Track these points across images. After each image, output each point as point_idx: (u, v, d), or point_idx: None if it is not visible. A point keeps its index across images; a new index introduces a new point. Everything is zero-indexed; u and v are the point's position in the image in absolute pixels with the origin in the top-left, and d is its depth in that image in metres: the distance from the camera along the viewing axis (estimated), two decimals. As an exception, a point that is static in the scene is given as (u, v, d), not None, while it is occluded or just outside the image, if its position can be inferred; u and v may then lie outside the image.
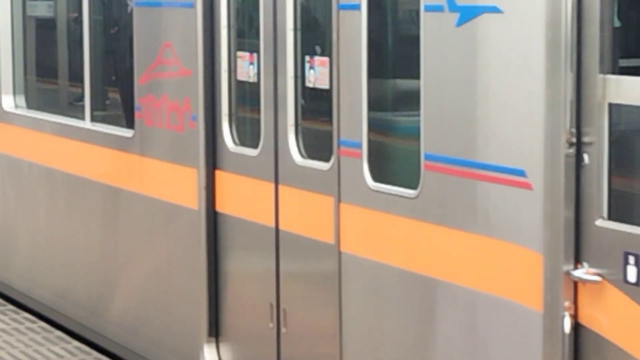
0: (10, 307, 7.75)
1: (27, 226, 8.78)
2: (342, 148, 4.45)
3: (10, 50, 9.06)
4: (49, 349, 6.65)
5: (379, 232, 4.42)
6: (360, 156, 4.46)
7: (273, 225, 5.14)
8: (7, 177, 9.46)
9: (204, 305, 5.74)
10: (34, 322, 7.32)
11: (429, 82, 4.17)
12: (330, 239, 4.64)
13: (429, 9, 4.13)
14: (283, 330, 5.02)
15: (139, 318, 6.71)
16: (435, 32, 4.12)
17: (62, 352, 6.64)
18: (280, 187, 5.09)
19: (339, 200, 4.56)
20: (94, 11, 7.66)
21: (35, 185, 8.61)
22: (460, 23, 3.91)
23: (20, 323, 7.25)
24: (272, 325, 5.14)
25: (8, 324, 7.30)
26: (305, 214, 4.96)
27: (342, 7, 4.69)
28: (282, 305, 5.11)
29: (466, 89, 3.94)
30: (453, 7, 4.02)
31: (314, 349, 4.81)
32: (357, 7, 4.43)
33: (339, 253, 4.54)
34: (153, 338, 6.56)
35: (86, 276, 7.66)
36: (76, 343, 6.83)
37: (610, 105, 3.38)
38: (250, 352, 5.64)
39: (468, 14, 3.85)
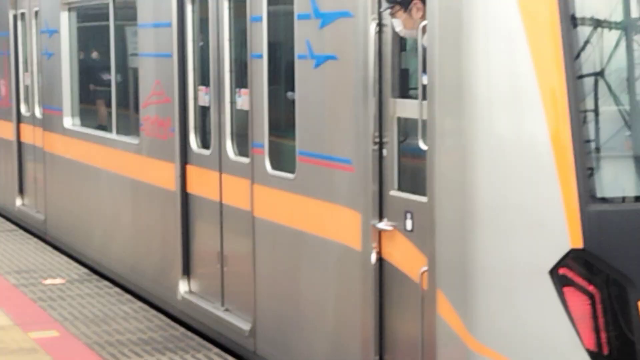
0: (94, 276, 7.52)
1: (83, 205, 8.82)
2: (254, 148, 4.62)
3: (69, 85, 9.06)
4: (120, 308, 6.48)
5: (273, 201, 4.60)
6: (263, 153, 4.61)
7: (218, 200, 5.22)
8: (68, 171, 9.62)
9: (179, 253, 5.75)
10: (110, 288, 7.11)
11: (300, 106, 4.33)
12: (248, 207, 4.75)
13: (300, 57, 4.22)
14: (225, 269, 5.10)
15: (148, 267, 6.64)
16: (302, 72, 4.24)
17: (129, 310, 6.42)
18: (222, 175, 5.18)
19: (252, 182, 4.70)
20: (118, 60, 7.72)
21: (83, 176, 8.69)
22: (316, 66, 4.07)
23: (101, 289, 7.04)
24: (218, 265, 5.21)
25: (92, 289, 7.04)
26: (235, 192, 4.99)
27: (252, 56, 4.65)
28: (224, 252, 5.21)
29: (320, 109, 4.13)
30: (312, 56, 4.15)
31: (242, 279, 4.94)
32: (260, 56, 4.60)
33: (253, 217, 4.71)
34: (152, 277, 6.60)
35: (121, 243, 7.57)
36: (140, 303, 6.64)
37: (398, 118, 3.57)
38: (207, 284, 5.68)
39: (320, 60, 4.00)
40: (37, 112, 8.60)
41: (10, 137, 9.28)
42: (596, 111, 3.08)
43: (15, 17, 9.09)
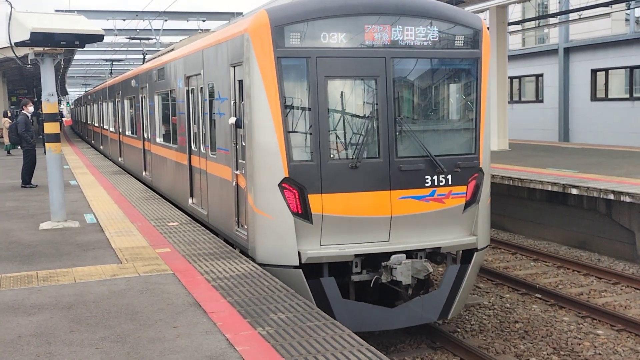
0: (193, 222, 10.67)
1: (159, 173, 14.04)
2: (207, 147, 10.18)
3: (156, 112, 14.35)
4: (201, 237, 9.32)
5: (202, 162, 10.00)
6: (209, 149, 10.01)
7: (199, 167, 10.74)
8: (155, 159, 14.64)
9: (187, 185, 11.30)
10: (198, 227, 10.88)
11: (217, 131, 9.52)
12: (204, 168, 10.27)
13: (217, 113, 9.64)
14: (202, 192, 10.71)
15: (182, 195, 12.06)
16: (218, 119, 9.64)
17: (206, 238, 9.15)
18: (201, 158, 10.72)
19: (206, 159, 10.26)
20: (168, 96, 12.89)
21: (164, 163, 13.86)
22: (220, 116, 9.54)
23: (194, 227, 10.54)
24: (205, 196, 10.79)
25: (189, 228, 10.25)
26: (203, 164, 10.49)
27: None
28: (204, 187, 10.74)
29: (222, 134, 9.59)
30: (219, 113, 9.63)
31: (205, 195, 10.34)
32: (207, 114, 9.95)
33: (207, 173, 10.27)
34: (181, 197, 11.92)
35: (180, 194, 13.02)
36: (212, 235, 9.47)
37: (237, 135, 9.06)
38: (198, 200, 11.03)
39: (220, 114, 9.51)
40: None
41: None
42: (292, 131, 7.98)
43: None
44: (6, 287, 6.94)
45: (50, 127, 10.10)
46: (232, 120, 8.63)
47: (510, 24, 25.06)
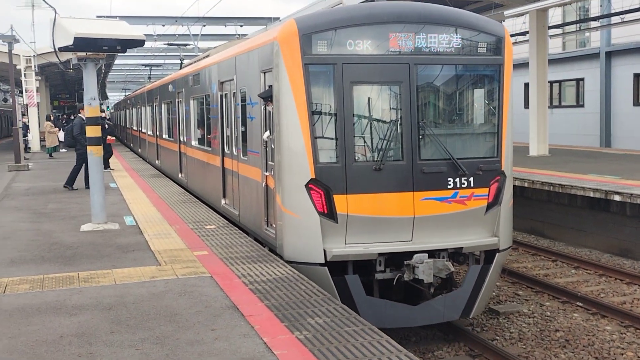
0: (231, 225, 11.23)
1: (194, 175, 14.68)
2: (238, 149, 10.78)
3: (192, 116, 15.02)
4: (237, 240, 9.64)
5: (234, 164, 10.58)
6: (240, 152, 10.58)
7: (231, 168, 11.34)
8: (190, 162, 15.27)
9: (221, 187, 11.91)
10: (234, 229, 11.25)
11: (248, 134, 10.14)
12: (236, 169, 10.88)
13: (249, 117, 10.21)
14: (234, 193, 11.31)
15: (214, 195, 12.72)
16: (249, 123, 10.24)
17: (242, 241, 9.43)
18: (233, 160, 11.31)
19: (237, 161, 10.84)
20: (204, 100, 13.51)
21: (198, 165, 14.47)
22: (251, 120, 10.11)
23: (231, 230, 10.90)
24: (236, 196, 11.38)
25: (227, 231, 10.59)
26: (235, 165, 11.09)
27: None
28: (235, 188, 11.32)
29: (252, 136, 10.17)
30: (250, 117, 10.13)
31: (237, 198, 10.96)
32: (239, 117, 10.53)
33: (238, 175, 10.84)
34: (214, 198, 12.55)
35: (212, 193, 13.66)
36: (248, 238, 9.78)
37: (267, 138, 9.58)
38: (230, 200, 11.63)
39: (252, 118, 10.08)
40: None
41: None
42: (319, 135, 8.41)
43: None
44: (49, 287, 7.23)
45: (91, 131, 10.78)
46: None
47: (550, 27, 25.15)
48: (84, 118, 16.48)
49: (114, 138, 21.32)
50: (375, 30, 8.53)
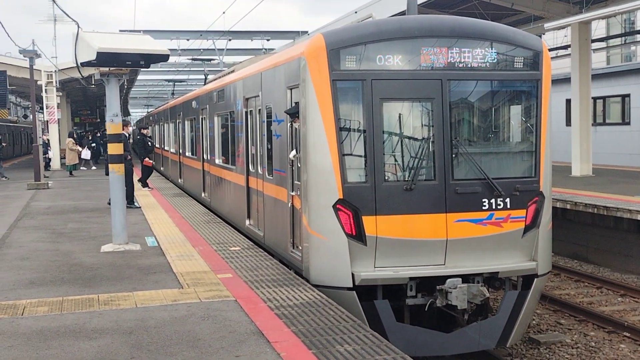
0: (255, 247, 11.32)
1: (218, 194, 14.83)
2: (263, 168, 10.90)
3: (215, 133, 15.20)
4: (263, 263, 9.73)
5: (259, 183, 10.70)
6: (265, 171, 10.71)
7: (256, 188, 11.46)
8: (214, 180, 15.45)
9: (245, 207, 12.04)
10: (259, 251, 11.46)
11: (273, 153, 10.33)
12: (261, 189, 11.05)
13: (275, 135, 10.22)
14: (258, 214, 11.41)
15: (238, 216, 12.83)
16: (274, 141, 10.31)
17: (268, 264, 9.52)
18: (258, 179, 11.42)
19: (263, 181, 10.96)
20: (228, 117, 13.69)
21: (222, 184, 14.65)
22: (277, 138, 10.25)
23: (256, 252, 11.01)
24: (261, 217, 11.49)
25: (251, 253, 10.71)
26: (260, 184, 11.22)
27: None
28: (258, 207, 11.44)
29: (278, 154, 10.29)
30: (276, 135, 10.22)
31: (261, 218, 11.07)
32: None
33: (263, 194, 10.97)
34: (237, 218, 12.67)
35: (231, 208, 13.79)
36: (274, 260, 9.92)
37: (293, 157, 9.67)
38: (255, 221, 11.75)
39: (277, 136, 10.18)
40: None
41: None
42: (347, 153, 8.41)
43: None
44: (68, 310, 7.34)
45: (113, 148, 10.99)
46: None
47: (593, 40, 25.02)
48: (127, 135, 17.00)
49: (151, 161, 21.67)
50: (406, 45, 8.61)
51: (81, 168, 33.08)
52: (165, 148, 29.04)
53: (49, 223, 14.61)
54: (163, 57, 10.51)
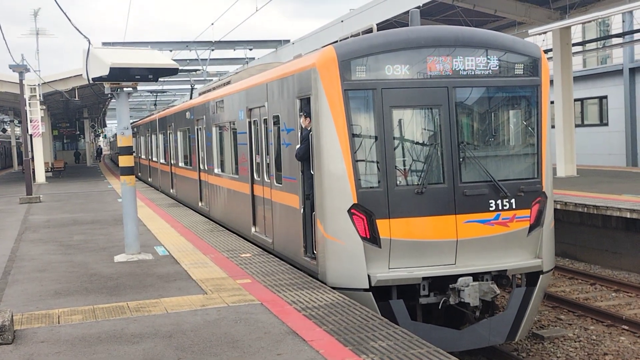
0: (265, 253, 11.42)
1: (218, 203, 15.09)
2: (271, 176, 11.19)
3: (214, 143, 15.43)
4: (277, 268, 9.99)
5: (266, 191, 11.00)
6: (274, 178, 11.01)
7: (262, 195, 11.74)
8: (213, 190, 15.66)
9: (250, 214, 12.34)
10: (271, 257, 11.74)
11: (283, 160, 10.58)
12: (268, 196, 11.30)
13: (283, 144, 10.54)
14: (266, 221, 11.72)
15: (244, 222, 13.12)
16: (283, 150, 10.63)
17: (283, 269, 9.71)
18: (264, 187, 11.73)
19: (270, 188, 11.28)
20: (228, 127, 13.96)
21: (223, 193, 14.86)
22: (286, 146, 10.57)
23: (269, 258, 11.25)
24: (269, 224, 11.82)
25: (264, 259, 10.98)
26: (267, 192, 11.51)
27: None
28: (265, 214, 11.76)
29: (288, 161, 10.61)
30: (285, 144, 10.54)
31: (269, 223, 11.33)
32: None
33: (271, 202, 11.28)
34: (242, 226, 12.92)
35: (231, 215, 13.98)
36: (288, 265, 10.10)
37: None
38: (261, 228, 12.04)
39: (287, 145, 10.52)
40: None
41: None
42: (360, 159, 8.82)
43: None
44: (102, 317, 7.57)
45: (124, 160, 11.27)
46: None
47: (572, 45, 25.64)
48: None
49: None
50: (413, 54, 9.01)
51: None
52: (154, 159, 29.15)
53: (53, 236, 14.78)
54: (172, 71, 10.80)
